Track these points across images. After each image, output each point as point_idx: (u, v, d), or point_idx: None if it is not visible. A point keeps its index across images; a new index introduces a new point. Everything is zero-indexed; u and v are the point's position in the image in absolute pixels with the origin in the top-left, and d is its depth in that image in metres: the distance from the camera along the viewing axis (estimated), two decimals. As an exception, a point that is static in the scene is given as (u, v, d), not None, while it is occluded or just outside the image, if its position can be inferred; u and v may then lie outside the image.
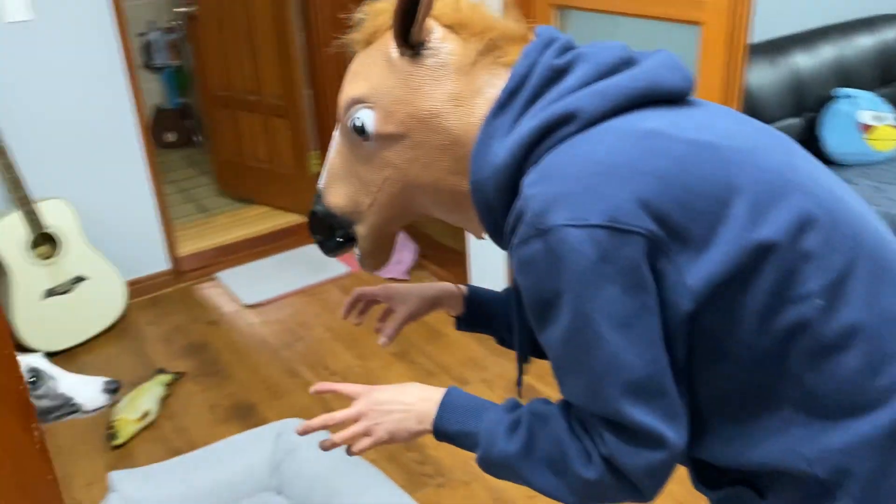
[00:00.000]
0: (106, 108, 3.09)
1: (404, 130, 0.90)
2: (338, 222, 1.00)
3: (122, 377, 2.78)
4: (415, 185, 0.93)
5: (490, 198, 0.87)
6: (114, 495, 1.89)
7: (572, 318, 0.77)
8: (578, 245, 0.75)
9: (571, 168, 0.78)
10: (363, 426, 0.96)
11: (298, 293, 3.33)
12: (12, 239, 2.80)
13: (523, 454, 0.86)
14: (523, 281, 0.81)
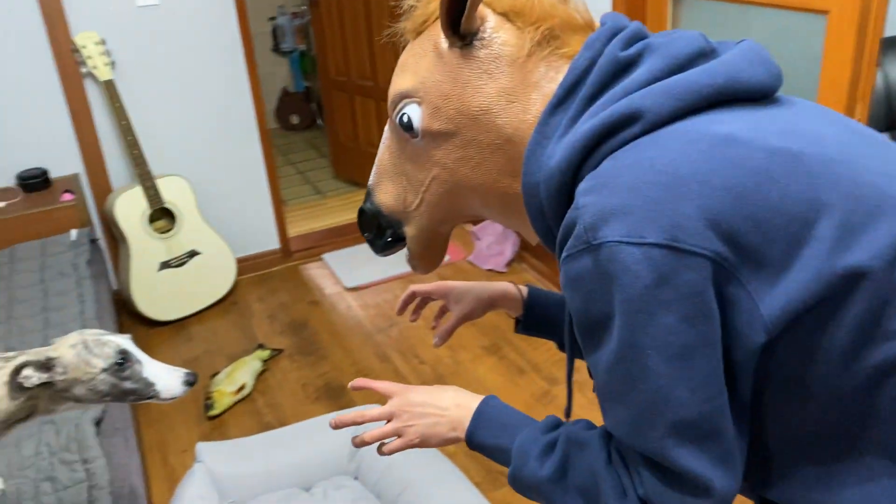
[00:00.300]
0: (225, 89, 3.22)
1: (453, 128, 0.83)
2: (386, 221, 0.95)
3: (226, 349, 2.91)
4: (464, 186, 0.86)
5: (543, 204, 0.79)
6: (198, 466, 1.97)
7: (620, 345, 0.69)
8: (632, 265, 0.66)
9: (630, 177, 0.68)
10: (394, 427, 0.94)
11: (398, 279, 3.36)
12: (133, 212, 2.97)
13: (555, 479, 0.81)
14: (571, 298, 0.74)
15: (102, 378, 1.16)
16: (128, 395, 1.19)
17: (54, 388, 1.16)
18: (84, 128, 2.98)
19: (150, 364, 1.21)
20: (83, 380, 1.16)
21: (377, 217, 0.95)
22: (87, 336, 1.19)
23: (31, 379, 1.12)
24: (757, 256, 0.66)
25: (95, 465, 1.57)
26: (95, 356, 1.16)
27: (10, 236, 2.68)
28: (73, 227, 2.78)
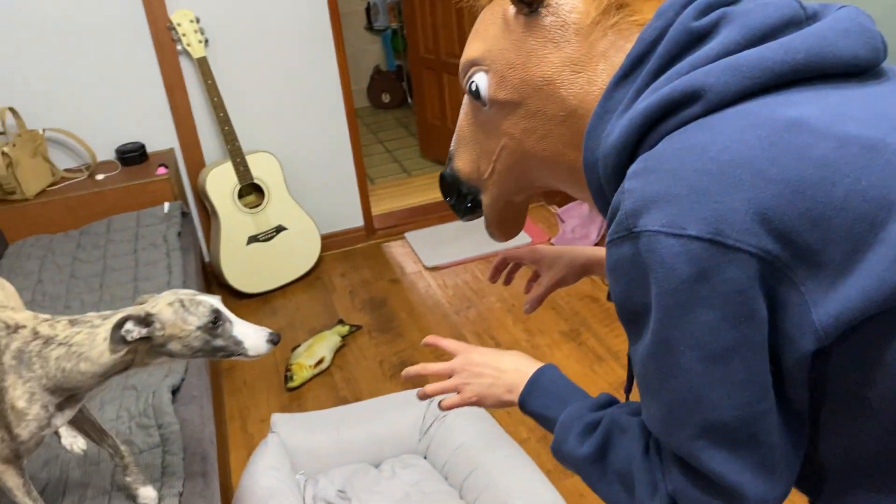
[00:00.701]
0: (313, 67, 3.26)
1: (518, 98, 0.80)
2: (466, 187, 0.94)
3: (307, 323, 2.97)
4: (531, 158, 0.83)
5: (602, 181, 0.74)
6: (272, 436, 2.02)
7: (654, 339, 0.65)
8: (670, 258, 0.61)
9: (678, 162, 0.63)
10: (454, 383, 0.96)
11: (477, 260, 3.33)
12: (224, 187, 3.06)
13: (592, 460, 0.79)
14: (612, 285, 0.70)
15: (196, 335, 1.23)
16: (218, 351, 1.25)
17: (151, 343, 1.23)
18: (179, 104, 3.09)
19: (239, 324, 1.26)
20: (179, 336, 1.22)
21: (457, 183, 0.95)
22: (181, 295, 1.25)
23: (132, 333, 1.19)
24: (813, 257, 0.60)
25: (170, 430, 1.63)
26: (191, 314, 1.23)
27: (107, 207, 2.81)
28: (167, 200, 2.89)
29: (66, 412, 1.29)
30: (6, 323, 1.26)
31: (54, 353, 1.23)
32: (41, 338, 1.24)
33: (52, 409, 1.25)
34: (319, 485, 1.95)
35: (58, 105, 2.96)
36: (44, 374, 1.23)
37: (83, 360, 1.22)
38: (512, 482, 1.83)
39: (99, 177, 2.90)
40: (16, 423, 1.23)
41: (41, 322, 1.27)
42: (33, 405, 1.23)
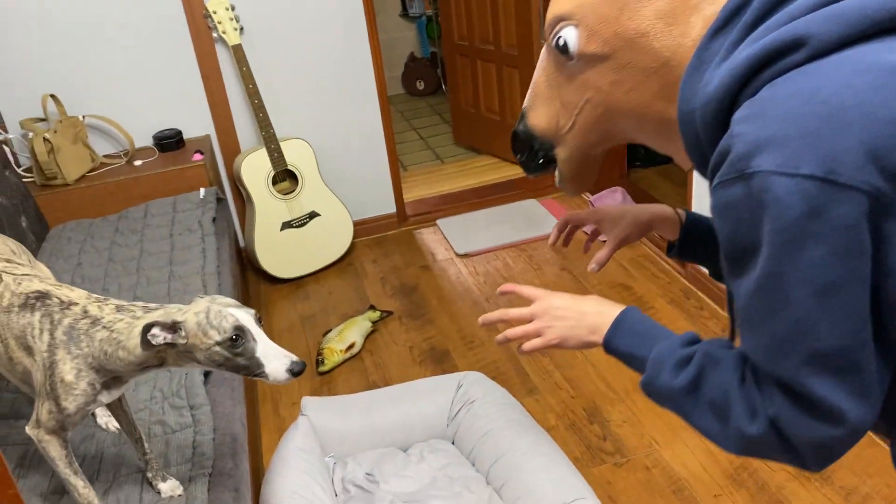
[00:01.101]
0: (347, 55, 3.27)
1: (609, 51, 0.83)
2: (539, 143, 0.97)
3: (339, 308, 3.00)
4: (617, 110, 0.87)
5: (698, 131, 0.78)
6: (302, 419, 2.05)
7: (764, 274, 0.69)
8: (785, 196, 0.65)
9: (789, 106, 0.66)
10: (536, 326, 0.98)
11: (509, 247, 3.33)
12: (258, 173, 3.10)
13: (687, 391, 0.83)
14: (720, 226, 0.73)
15: (216, 350, 1.22)
16: (240, 369, 1.24)
17: (177, 349, 1.23)
18: (215, 91, 3.13)
19: (264, 344, 1.23)
20: (200, 347, 1.22)
21: (530, 139, 0.97)
22: (213, 305, 1.24)
23: (157, 338, 1.21)
24: None
25: (201, 412, 1.67)
26: (213, 328, 1.21)
27: (145, 192, 2.87)
28: (203, 185, 2.93)
29: (113, 391, 1.33)
30: (60, 299, 1.30)
31: (98, 334, 1.26)
32: (89, 317, 1.27)
33: (99, 387, 1.29)
34: (348, 467, 1.98)
35: (97, 92, 3.02)
36: (90, 352, 1.26)
37: (121, 347, 1.25)
38: (539, 469, 1.83)
39: (137, 163, 2.96)
40: (64, 396, 1.27)
41: (92, 302, 1.30)
42: (81, 380, 1.26)
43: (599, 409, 2.32)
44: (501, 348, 2.66)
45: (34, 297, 1.31)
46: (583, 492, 1.76)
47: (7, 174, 2.60)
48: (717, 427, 0.80)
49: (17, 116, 2.93)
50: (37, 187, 2.83)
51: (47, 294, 1.32)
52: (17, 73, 2.91)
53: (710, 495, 1.97)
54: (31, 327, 1.29)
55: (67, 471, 1.33)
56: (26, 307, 1.30)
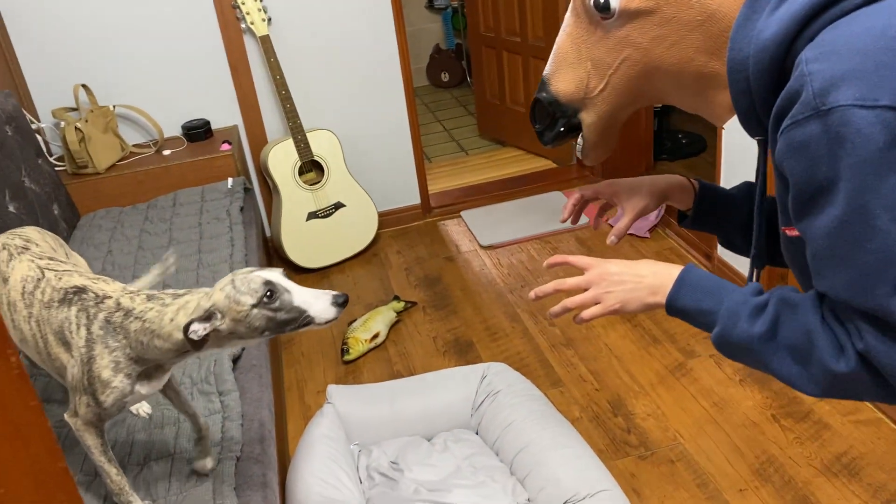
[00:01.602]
0: (374, 46, 3.28)
1: (654, 6, 0.83)
2: (562, 110, 0.97)
3: (364, 299, 3.02)
4: (656, 66, 0.87)
5: (751, 79, 0.78)
6: (328, 407, 2.07)
7: (847, 208, 0.71)
8: (866, 128, 0.67)
9: (861, 43, 0.69)
10: (593, 294, 0.96)
11: (533, 240, 3.33)
12: (285, 163, 3.12)
13: (766, 338, 0.83)
14: (793, 166, 0.74)
15: (255, 313, 1.18)
16: (285, 325, 1.20)
17: (220, 333, 1.22)
18: (243, 82, 3.15)
19: (299, 292, 1.20)
20: (238, 319, 1.19)
21: (553, 106, 0.97)
22: (235, 276, 1.22)
23: (198, 332, 1.19)
24: None
25: (230, 398, 1.69)
26: (243, 294, 1.18)
27: (174, 182, 2.90)
28: (230, 175, 2.96)
29: (154, 382, 1.33)
30: (96, 294, 1.31)
31: (133, 325, 1.26)
32: (122, 309, 1.28)
33: (135, 378, 1.29)
34: (373, 455, 1.99)
35: (128, 82, 3.06)
36: (126, 344, 1.26)
37: (156, 336, 1.24)
38: (563, 460, 1.84)
39: (166, 152, 2.99)
40: (101, 390, 1.28)
41: (125, 294, 1.30)
42: (118, 374, 1.27)
43: (624, 402, 2.32)
44: (525, 340, 2.66)
45: (72, 292, 1.32)
46: (607, 484, 1.76)
47: (40, 162, 2.64)
48: (797, 370, 0.81)
49: (49, 106, 2.98)
50: (68, 176, 2.88)
51: (84, 289, 1.32)
52: (50, 64, 2.96)
53: (734, 489, 1.97)
54: (68, 322, 1.30)
55: (102, 458, 1.35)
56: (64, 302, 1.31)
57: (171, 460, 1.55)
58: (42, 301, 1.34)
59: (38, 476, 0.43)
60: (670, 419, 2.23)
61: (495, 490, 1.84)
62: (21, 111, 2.67)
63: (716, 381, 2.32)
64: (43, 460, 0.43)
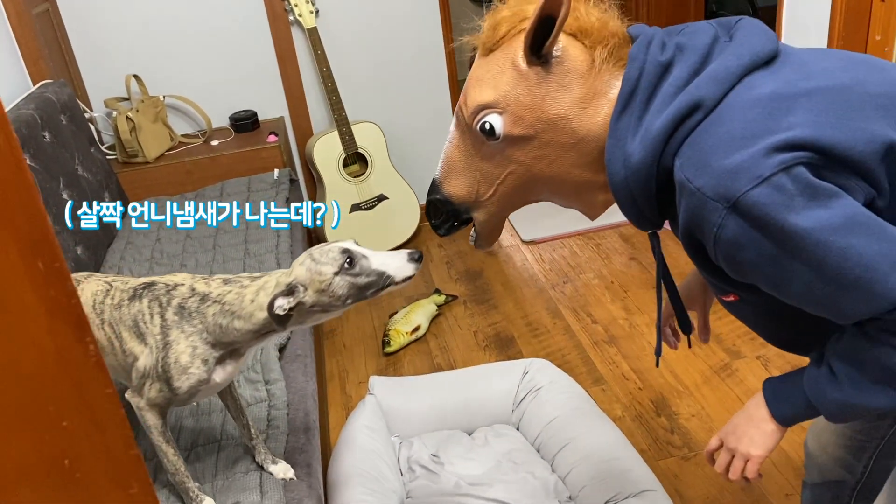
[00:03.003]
0: (419, 39, 3.28)
1: (532, 133, 0.97)
2: (454, 209, 1.09)
3: (405, 291, 3.03)
4: (538, 179, 1.01)
5: (633, 194, 0.94)
6: (370, 398, 2.08)
7: (809, 256, 0.82)
8: (766, 197, 0.81)
9: (720, 150, 0.84)
10: (728, 449, 1.07)
11: (576, 235, 3.30)
12: (330, 155, 3.14)
13: (855, 391, 0.91)
14: (745, 258, 0.86)
15: (337, 281, 1.20)
16: (366, 289, 1.22)
17: (304, 306, 1.24)
18: (289, 73, 3.18)
19: (375, 255, 1.23)
20: (322, 289, 1.21)
21: (446, 206, 1.10)
22: (312, 250, 1.24)
23: (283, 307, 1.21)
24: (836, 160, 0.84)
25: (276, 387, 1.71)
26: (323, 264, 1.21)
27: (221, 172, 2.94)
28: (277, 166, 2.99)
29: (228, 367, 1.34)
30: (165, 283, 1.34)
31: (210, 309, 1.28)
32: (198, 294, 1.30)
33: (212, 364, 1.31)
34: (414, 447, 2.00)
35: (178, 73, 3.11)
36: (203, 328, 1.28)
37: (236, 317, 1.26)
38: (605, 459, 1.82)
39: (214, 143, 3.03)
40: (177, 376, 1.29)
41: (197, 280, 1.33)
42: (195, 360, 1.29)
43: (667, 402, 2.29)
44: (567, 336, 2.65)
45: (141, 287, 1.35)
46: (650, 484, 1.74)
47: (92, 151, 2.70)
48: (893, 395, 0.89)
49: (101, 95, 3.04)
50: (119, 164, 2.93)
51: (153, 283, 1.35)
52: (103, 54, 3.02)
53: (781, 494, 1.93)
54: (141, 314, 1.32)
55: (161, 439, 1.37)
56: (135, 297, 1.34)
57: (218, 447, 1.57)
58: (112, 304, 1.37)
59: (113, 463, 0.44)
60: (715, 420, 2.19)
61: (536, 487, 1.83)
62: (75, 101, 2.73)
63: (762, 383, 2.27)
64: (117, 447, 0.43)
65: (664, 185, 0.93)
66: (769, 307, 1.00)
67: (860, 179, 0.84)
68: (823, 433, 1.39)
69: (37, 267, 0.37)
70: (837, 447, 1.35)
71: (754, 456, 1.03)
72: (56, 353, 0.39)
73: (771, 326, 1.07)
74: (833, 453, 1.37)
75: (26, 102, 2.39)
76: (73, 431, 0.41)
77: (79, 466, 0.42)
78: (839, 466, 1.37)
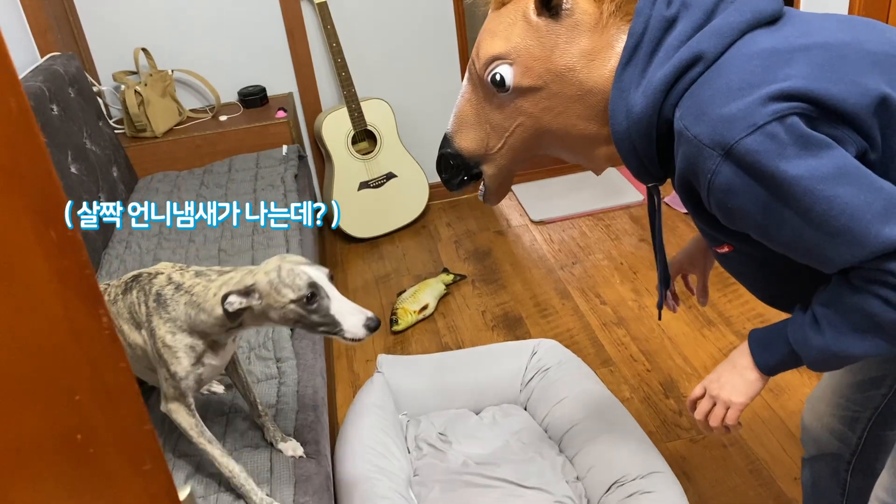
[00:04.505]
0: (431, 17, 3.24)
1: (541, 84, 1.00)
2: (465, 163, 1.12)
3: (413, 270, 3.02)
4: (546, 130, 1.04)
5: (635, 144, 0.97)
6: (378, 376, 2.08)
7: (797, 203, 0.85)
8: (760, 145, 0.84)
9: (718, 99, 0.87)
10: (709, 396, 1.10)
11: (586, 216, 3.28)
12: (338, 132, 3.12)
13: (836, 336, 0.93)
14: (737, 204, 0.89)
15: (291, 308, 1.21)
16: (315, 326, 1.22)
17: (254, 311, 1.25)
18: (299, 49, 3.15)
19: (338, 301, 1.21)
20: (275, 306, 1.22)
21: (457, 160, 1.12)
22: (284, 264, 1.23)
23: (234, 304, 1.22)
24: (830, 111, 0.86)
25: (286, 364, 1.71)
26: (287, 286, 1.20)
27: (230, 147, 2.93)
28: (285, 142, 2.97)
29: (221, 353, 1.35)
30: (149, 272, 1.37)
31: (182, 298, 1.30)
32: (173, 283, 1.32)
33: (200, 349, 1.31)
34: (421, 426, 2.00)
35: (186, 47, 3.08)
36: (177, 316, 1.30)
37: (202, 310, 1.28)
38: (614, 440, 1.82)
39: (222, 118, 3.01)
40: (170, 360, 1.31)
41: (175, 270, 1.36)
42: (178, 342, 1.30)
43: (676, 384, 2.28)
44: (576, 317, 2.63)
45: (130, 280, 1.39)
46: (658, 466, 1.74)
47: (101, 125, 2.68)
48: (875, 342, 0.91)
49: (110, 69, 3.02)
50: (127, 139, 2.92)
51: (139, 274, 1.39)
52: (111, 28, 2.99)
53: (789, 477, 1.92)
54: (133, 305, 1.35)
55: (201, 440, 1.36)
56: (126, 290, 1.38)
57: (226, 419, 1.57)
58: (109, 300, 1.39)
59: (126, 437, 0.43)
60: (723, 403, 2.18)
61: (544, 467, 1.83)
62: (83, 74, 2.72)
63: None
64: (130, 422, 0.42)
65: (664, 137, 0.96)
66: (761, 259, 1.02)
67: (852, 131, 0.86)
68: (819, 404, 1.39)
69: (49, 237, 0.36)
70: (832, 418, 1.36)
71: (735, 403, 1.07)
72: (69, 325, 0.38)
73: (761, 280, 1.09)
74: (828, 424, 1.37)
75: (34, 75, 2.38)
76: (86, 405, 0.40)
77: (92, 441, 0.41)
78: (834, 438, 1.38)
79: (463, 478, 1.81)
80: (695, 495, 1.91)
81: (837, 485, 1.43)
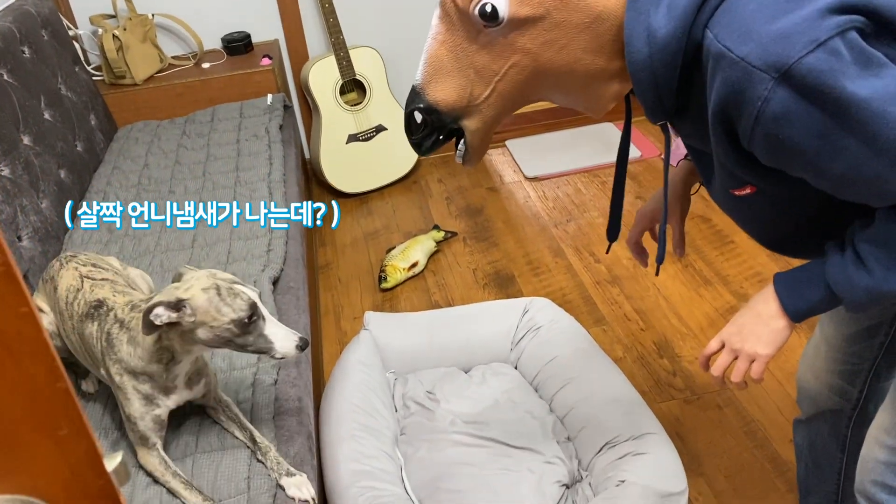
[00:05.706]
0: (422, -40, 3.11)
1: (542, 12, 0.84)
2: (441, 119, 0.95)
3: (403, 227, 2.94)
4: (545, 69, 0.88)
5: (657, 74, 0.83)
6: (364, 333, 2.02)
7: (862, 128, 0.75)
8: (823, 64, 0.74)
9: (764, 13, 0.76)
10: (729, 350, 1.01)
11: (581, 172, 3.19)
12: (326, 82, 3.01)
13: (884, 276, 0.85)
14: (788, 135, 0.78)
15: (228, 327, 1.17)
16: (245, 346, 1.20)
17: (182, 329, 1.18)
18: (285, -6, 3.02)
19: (271, 323, 1.21)
20: (210, 324, 1.17)
21: (432, 115, 0.95)
22: (219, 281, 1.19)
23: (161, 317, 1.15)
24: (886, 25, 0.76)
25: (266, 318, 1.63)
26: (227, 306, 1.16)
27: (212, 96, 2.81)
28: (270, 91, 2.86)
29: (173, 396, 1.30)
30: (108, 307, 1.30)
31: (124, 337, 1.25)
32: (118, 321, 1.27)
33: (146, 391, 1.26)
34: (409, 384, 1.94)
35: (167, -10, 2.94)
36: (120, 357, 1.25)
37: (136, 344, 1.23)
38: (606, 400, 1.76)
39: (205, 65, 2.89)
40: (123, 401, 1.27)
41: (126, 305, 1.29)
42: (125, 384, 1.26)
43: (670, 344, 2.22)
44: (569, 275, 2.57)
45: (94, 306, 1.32)
46: (651, 426, 1.69)
47: (77, 70, 2.57)
48: None
49: (87, 12, 2.88)
50: (105, 86, 2.80)
51: (102, 302, 1.32)
52: (88, -33, 2.85)
53: (784, 439, 1.88)
54: (91, 338, 1.30)
55: (167, 477, 1.28)
56: (88, 317, 1.31)
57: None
58: (78, 314, 1.34)
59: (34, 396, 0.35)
60: (719, 364, 2.13)
61: (534, 427, 1.78)
62: (58, 15, 2.59)
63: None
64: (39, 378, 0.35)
65: (687, 64, 0.84)
66: (787, 200, 0.94)
67: None
68: (816, 361, 1.34)
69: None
70: (831, 374, 1.31)
71: (762, 355, 0.98)
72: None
73: (771, 223, 1.00)
74: (827, 381, 1.32)
75: (3, 15, 2.25)
76: (-16, 359, 0.33)
77: (-11, 402, 0.34)
78: (834, 394, 1.32)
79: (451, 437, 1.75)
80: (688, 456, 1.86)
81: (837, 442, 1.39)
